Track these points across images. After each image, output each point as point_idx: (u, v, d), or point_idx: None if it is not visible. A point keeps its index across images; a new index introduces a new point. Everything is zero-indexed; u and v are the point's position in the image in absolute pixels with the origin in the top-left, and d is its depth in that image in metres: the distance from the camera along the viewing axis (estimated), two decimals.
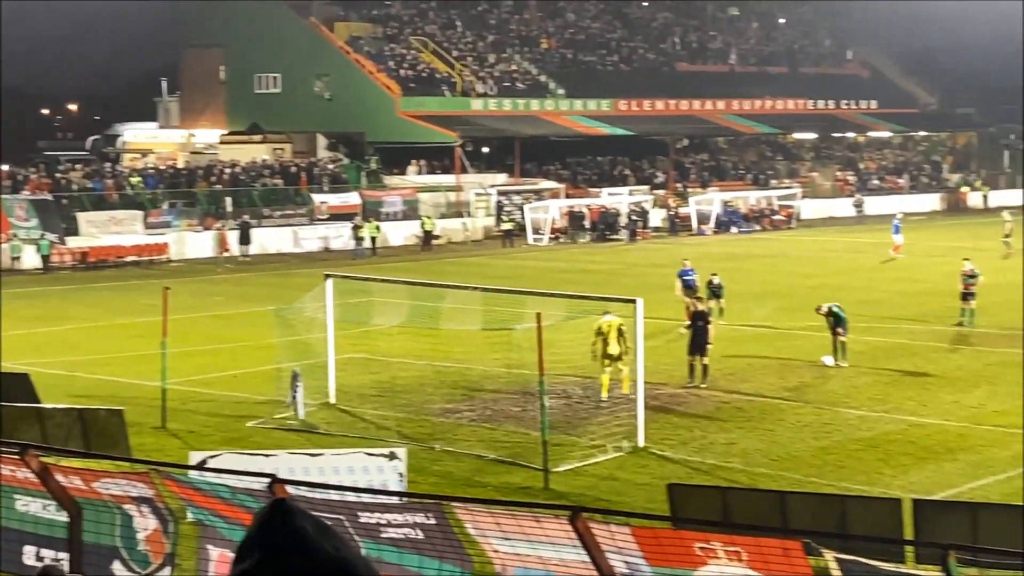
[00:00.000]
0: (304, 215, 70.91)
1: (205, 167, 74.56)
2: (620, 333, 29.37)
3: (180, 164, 77.70)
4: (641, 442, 26.24)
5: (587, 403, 29.90)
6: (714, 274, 41.93)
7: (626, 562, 11.30)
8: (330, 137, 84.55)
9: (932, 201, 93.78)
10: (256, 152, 79.26)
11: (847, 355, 34.47)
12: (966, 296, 40.60)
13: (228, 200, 69.69)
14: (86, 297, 50.13)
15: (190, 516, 13.37)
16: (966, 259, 42.57)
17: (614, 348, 29.45)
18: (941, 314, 42.17)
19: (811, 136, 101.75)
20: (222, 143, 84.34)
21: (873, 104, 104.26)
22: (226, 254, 62.41)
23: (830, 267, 57.10)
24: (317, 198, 71.90)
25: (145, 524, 13.29)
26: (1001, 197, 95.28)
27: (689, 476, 23.89)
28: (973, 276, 40.69)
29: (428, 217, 71.25)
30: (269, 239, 67.71)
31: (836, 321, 34.59)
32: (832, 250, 66.31)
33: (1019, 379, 32.68)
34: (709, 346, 32.08)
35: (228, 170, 73.34)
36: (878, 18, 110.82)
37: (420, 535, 11.99)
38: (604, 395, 29.89)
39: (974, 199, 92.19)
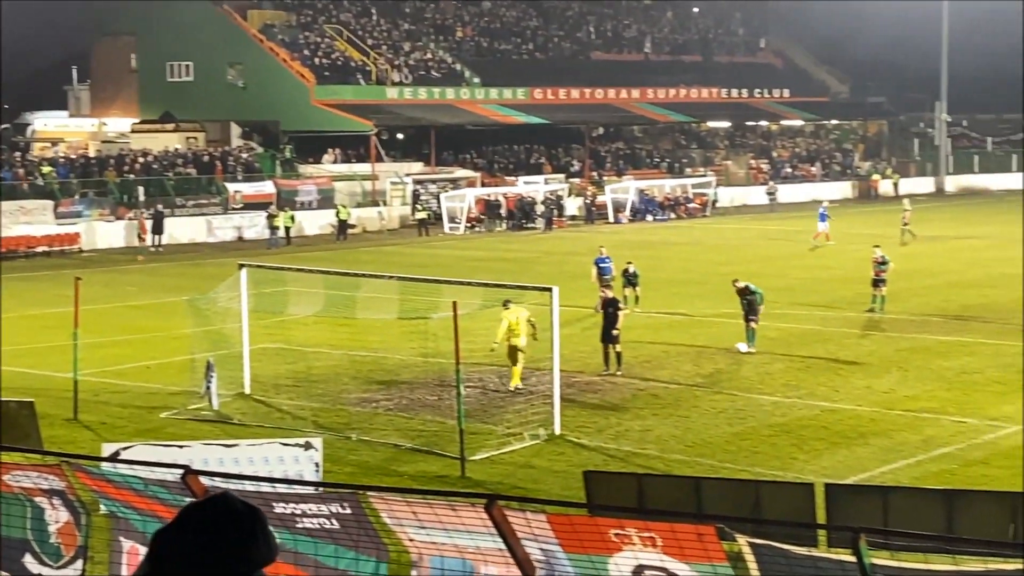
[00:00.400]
0: (218, 204, 70.44)
1: (117, 156, 73.77)
2: (530, 324, 29.48)
3: (91, 153, 76.89)
4: (557, 430, 26.31)
5: (503, 391, 29.94)
6: (629, 262, 42.08)
7: (542, 549, 11.33)
8: (244, 126, 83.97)
9: (844, 189, 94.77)
10: (169, 141, 78.68)
11: (755, 342, 34.74)
12: (877, 283, 41.06)
13: (141, 189, 69.06)
14: None
15: (103, 508, 13.23)
16: (876, 246, 43.05)
17: (521, 340, 29.49)
18: (853, 300, 42.64)
19: (725, 125, 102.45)
20: (134, 132, 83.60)
21: (786, 93, 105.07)
22: (145, 243, 62.04)
23: (744, 255, 57.51)
24: (231, 187, 71.45)
25: (57, 517, 13.16)
26: (911, 185, 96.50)
27: (605, 463, 23.99)
28: (884, 263, 41.15)
29: (343, 206, 70.93)
30: (183, 229, 67.17)
31: (749, 303, 34.81)
32: (746, 238, 66.80)
33: (929, 364, 33.16)
34: (615, 332, 32.21)
35: (140, 159, 72.71)
36: (791, 7, 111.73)
37: (336, 525, 11.95)
38: (515, 383, 30.02)
39: (885, 187, 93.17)
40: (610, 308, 32.71)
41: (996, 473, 23.09)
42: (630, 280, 41.35)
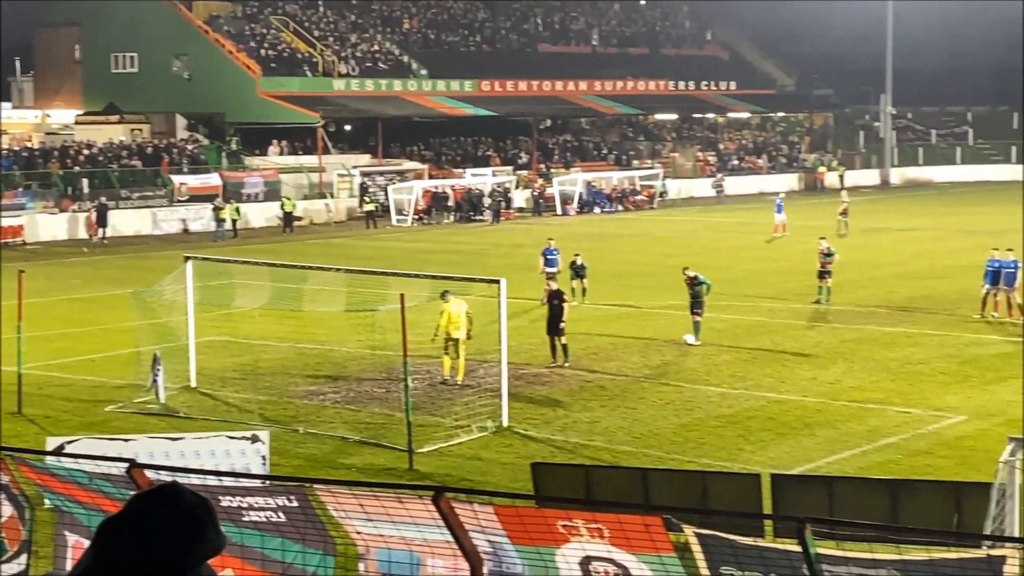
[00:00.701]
0: (163, 197, 70.07)
1: (61, 148, 73.24)
2: (468, 317, 29.46)
3: (35, 145, 76.20)
4: (505, 422, 26.33)
5: (451, 384, 29.93)
6: (576, 254, 42.13)
7: (489, 541, 11.35)
8: (189, 117, 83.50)
9: (790, 181, 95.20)
10: (113, 133, 78.21)
11: (700, 334, 34.88)
12: (822, 274, 41.26)
13: (85, 182, 68.61)
14: None
15: (47, 503, 13.16)
16: (822, 238, 43.29)
17: (460, 332, 29.47)
18: (799, 292, 42.86)
19: (672, 117, 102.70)
20: (78, 123, 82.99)
21: (732, 85, 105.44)
22: (93, 236, 61.68)
23: (691, 247, 57.66)
24: (176, 179, 71.07)
25: (0, 511, 13.08)
26: (857, 177, 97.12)
27: (552, 455, 24.02)
28: (829, 255, 41.37)
29: (288, 198, 70.66)
30: (128, 221, 66.80)
31: (695, 295, 34.94)
32: (693, 230, 66.99)
33: (874, 355, 33.39)
34: (562, 324, 32.29)
35: (85, 151, 72.23)
36: (737, 0, 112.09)
37: (282, 518, 11.92)
38: (447, 374, 30.00)
39: (831, 179, 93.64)
40: (555, 300, 32.77)
41: (940, 463, 23.28)
42: (577, 272, 41.42)
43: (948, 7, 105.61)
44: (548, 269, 41.07)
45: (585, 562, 11.34)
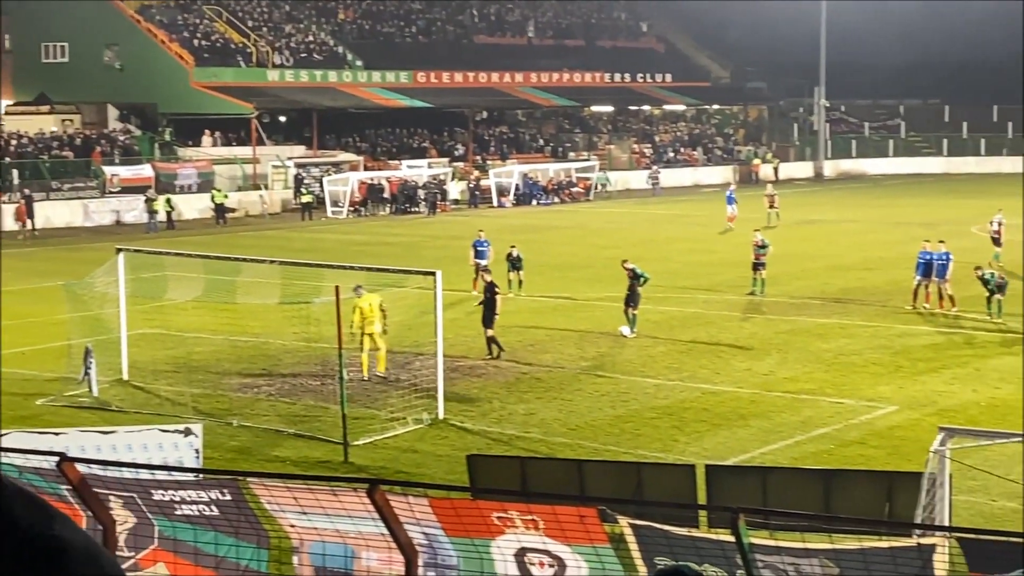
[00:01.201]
0: (95, 188, 69.50)
1: None
2: (381, 311, 29.30)
3: None
4: (441, 414, 26.34)
5: (387, 375, 29.86)
6: (513, 246, 42.17)
7: (425, 533, 11.35)
8: (121, 108, 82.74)
9: (725, 173, 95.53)
10: (43, 123, 77.34)
11: (636, 326, 35.00)
12: (757, 266, 41.51)
13: (15, 172, 67.93)
14: None
15: None
16: (756, 230, 43.55)
17: (375, 327, 29.26)
18: (734, 284, 43.06)
19: (608, 109, 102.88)
20: (7, 114, 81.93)
21: (668, 77, 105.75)
22: (26, 226, 61.06)
23: (627, 238, 57.80)
24: (108, 170, 70.52)
25: None
26: (791, 169, 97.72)
27: (488, 447, 24.04)
28: (763, 247, 41.61)
29: (219, 190, 70.21)
30: (59, 213, 66.24)
31: (631, 288, 35.04)
32: (629, 222, 67.18)
33: (808, 346, 33.61)
34: (496, 317, 32.33)
35: (14, 142, 71.48)
36: None
37: (215, 512, 11.88)
38: (365, 374, 29.58)
39: (766, 171, 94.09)
40: (488, 293, 32.81)
41: (872, 453, 23.49)
42: (514, 264, 41.47)
43: (887, 2, 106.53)
44: (478, 261, 41.20)
45: (520, 554, 11.37)
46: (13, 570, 2.14)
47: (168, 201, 66.56)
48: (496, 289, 33.32)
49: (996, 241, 47.73)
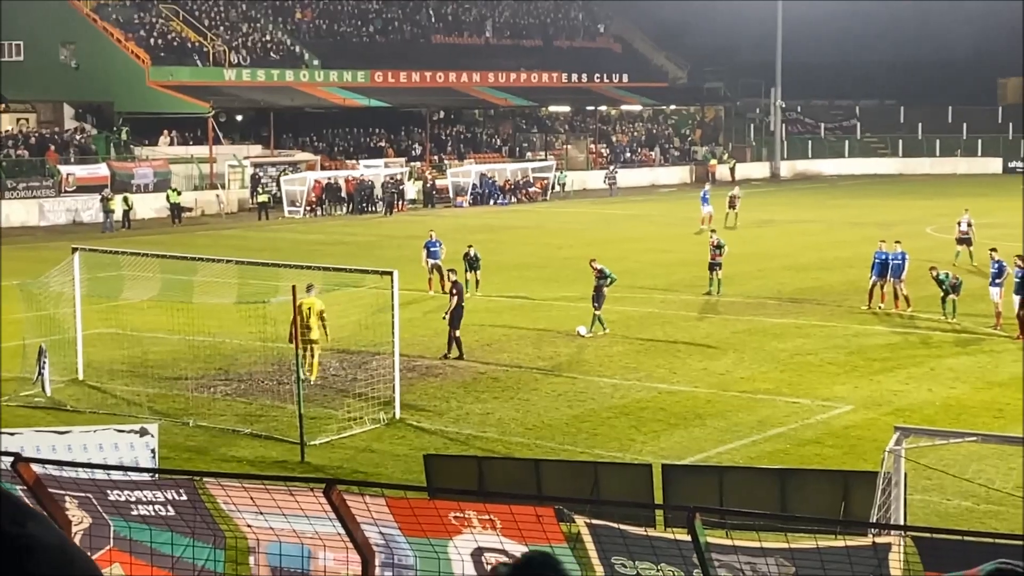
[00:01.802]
0: (51, 187, 69.06)
1: None
2: (320, 317, 28.94)
3: None
4: (398, 414, 26.32)
5: (343, 376, 29.81)
6: (470, 246, 42.17)
7: (381, 533, 11.33)
8: (77, 107, 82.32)
9: (682, 173, 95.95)
10: None
11: (602, 326, 35.04)
12: (713, 266, 41.66)
13: None
14: None
15: None
16: (713, 230, 43.68)
17: (315, 333, 28.82)
18: (691, 284, 43.17)
19: (565, 109, 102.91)
20: None
21: (625, 78, 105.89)
22: None
23: (584, 238, 57.89)
24: (64, 170, 70.15)
25: None
26: (747, 170, 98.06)
27: (446, 447, 24.03)
28: (720, 247, 41.76)
29: (174, 189, 69.89)
30: (14, 211, 65.84)
31: (597, 289, 35.13)
32: (586, 222, 67.25)
33: (764, 346, 33.73)
34: (444, 317, 32.36)
35: None
36: None
37: (171, 512, 11.82)
38: (313, 376, 29.18)
39: (722, 171, 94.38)
40: (453, 293, 32.78)
41: (828, 452, 23.59)
42: (471, 264, 41.45)
43: (842, 4, 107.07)
44: (431, 260, 41.28)
45: (477, 553, 11.36)
46: None
47: (125, 200, 66.24)
48: (458, 290, 33.20)
49: (966, 241, 47.83)
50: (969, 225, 48.48)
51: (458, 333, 32.43)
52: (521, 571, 3.34)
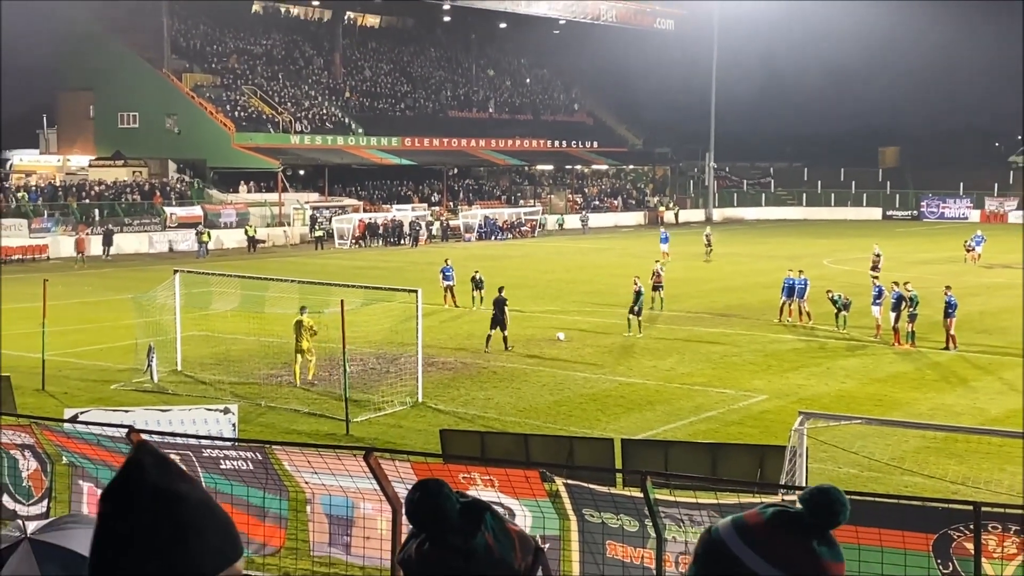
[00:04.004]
0: (157, 224, 69.10)
1: (77, 185, 72.01)
2: (312, 331, 27.99)
3: (57, 183, 74.77)
4: (420, 398, 26.29)
5: (379, 369, 29.78)
6: (476, 271, 42.23)
7: (407, 487, 11.32)
8: (178, 162, 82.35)
9: (638, 217, 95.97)
10: (119, 174, 76.98)
11: (637, 328, 34.99)
12: (656, 287, 41.72)
13: (96, 212, 67.53)
14: None
15: (64, 459, 12.96)
16: (657, 260, 43.73)
17: (305, 343, 28.05)
18: (645, 301, 43.01)
19: (549, 167, 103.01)
20: (91, 166, 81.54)
21: (595, 144, 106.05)
22: (82, 255, 60.12)
23: (564, 265, 57.89)
24: (168, 210, 70.16)
25: (28, 466, 12.85)
26: (688, 215, 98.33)
27: (456, 423, 23.99)
28: (659, 273, 42.13)
29: (251, 226, 70.12)
30: (128, 242, 65.87)
31: (636, 299, 35.86)
32: (565, 253, 67.22)
33: (700, 349, 33.69)
34: (506, 318, 33.19)
35: (96, 188, 71.10)
36: (598, 79, 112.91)
37: (249, 468, 11.83)
38: (297, 381, 28.15)
39: (668, 216, 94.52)
40: (497, 307, 33.27)
41: (748, 431, 23.58)
42: (477, 285, 41.58)
43: (761, 89, 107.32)
44: (445, 282, 41.53)
45: None
46: (142, 511, 2.17)
47: (208, 234, 66.35)
48: (504, 303, 33.47)
49: (875, 267, 47.97)
50: (878, 256, 48.87)
51: (499, 332, 32.88)
52: None
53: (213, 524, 2.22)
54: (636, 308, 35.77)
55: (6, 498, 12.88)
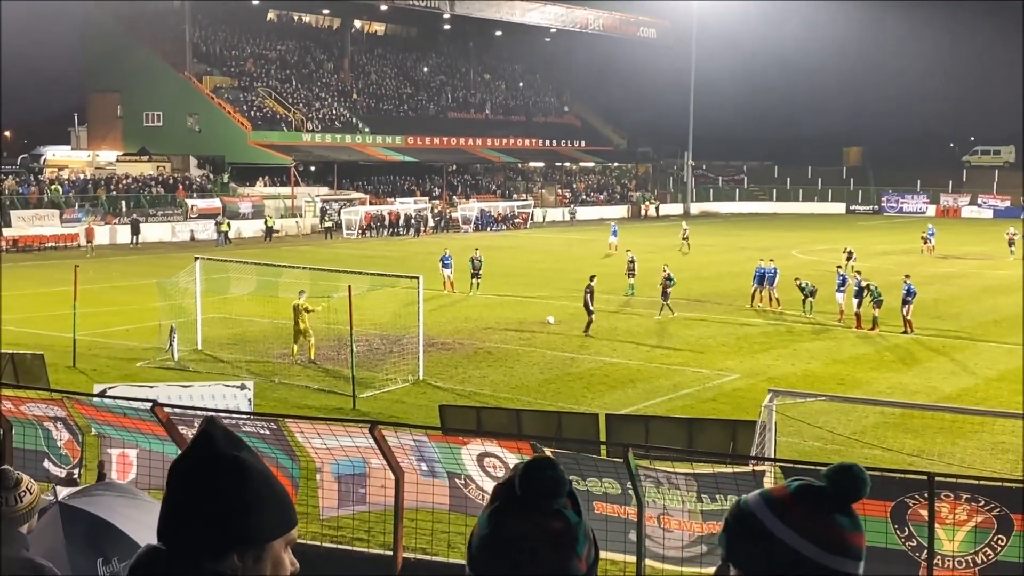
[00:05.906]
0: (179, 215, 68.97)
1: (106, 179, 71.86)
2: (307, 309, 28.06)
3: (88, 176, 74.65)
4: (421, 376, 26.28)
5: (383, 349, 29.77)
6: (476, 248, 42.20)
7: (415, 440, 11.37)
8: (199, 158, 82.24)
9: (621, 211, 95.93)
10: (144, 168, 76.81)
11: (668, 311, 34.96)
12: (630, 274, 41.81)
13: (123, 203, 67.42)
14: (16, 272, 47.86)
15: (94, 430, 12.96)
16: (627, 250, 43.70)
17: (303, 325, 28.11)
18: (624, 289, 43.08)
19: (540, 165, 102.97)
20: (119, 161, 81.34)
21: (582, 143, 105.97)
22: (90, 243, 59.77)
23: (553, 256, 57.86)
24: (189, 202, 70.04)
25: (61, 436, 12.87)
26: (668, 208, 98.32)
27: (455, 399, 23.99)
28: (633, 261, 42.14)
29: (270, 216, 70.11)
30: (153, 231, 65.78)
31: (665, 287, 36.17)
32: (554, 244, 67.23)
33: (678, 332, 33.71)
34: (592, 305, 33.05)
35: (124, 181, 70.96)
36: (586, 83, 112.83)
37: (263, 439, 11.84)
38: (295, 356, 28.16)
39: (650, 210, 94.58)
40: (588, 294, 33.13)
41: (721, 407, 23.60)
42: (475, 268, 41.68)
43: (736, 93, 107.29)
44: (445, 270, 41.45)
45: (481, 457, 11.39)
46: (210, 477, 2.19)
47: (228, 224, 66.26)
48: (590, 290, 33.35)
49: (850, 256, 48.32)
50: (850, 252, 49.03)
51: (591, 317, 32.86)
52: None
53: (273, 493, 2.25)
54: (665, 293, 36.09)
55: (48, 463, 12.95)
